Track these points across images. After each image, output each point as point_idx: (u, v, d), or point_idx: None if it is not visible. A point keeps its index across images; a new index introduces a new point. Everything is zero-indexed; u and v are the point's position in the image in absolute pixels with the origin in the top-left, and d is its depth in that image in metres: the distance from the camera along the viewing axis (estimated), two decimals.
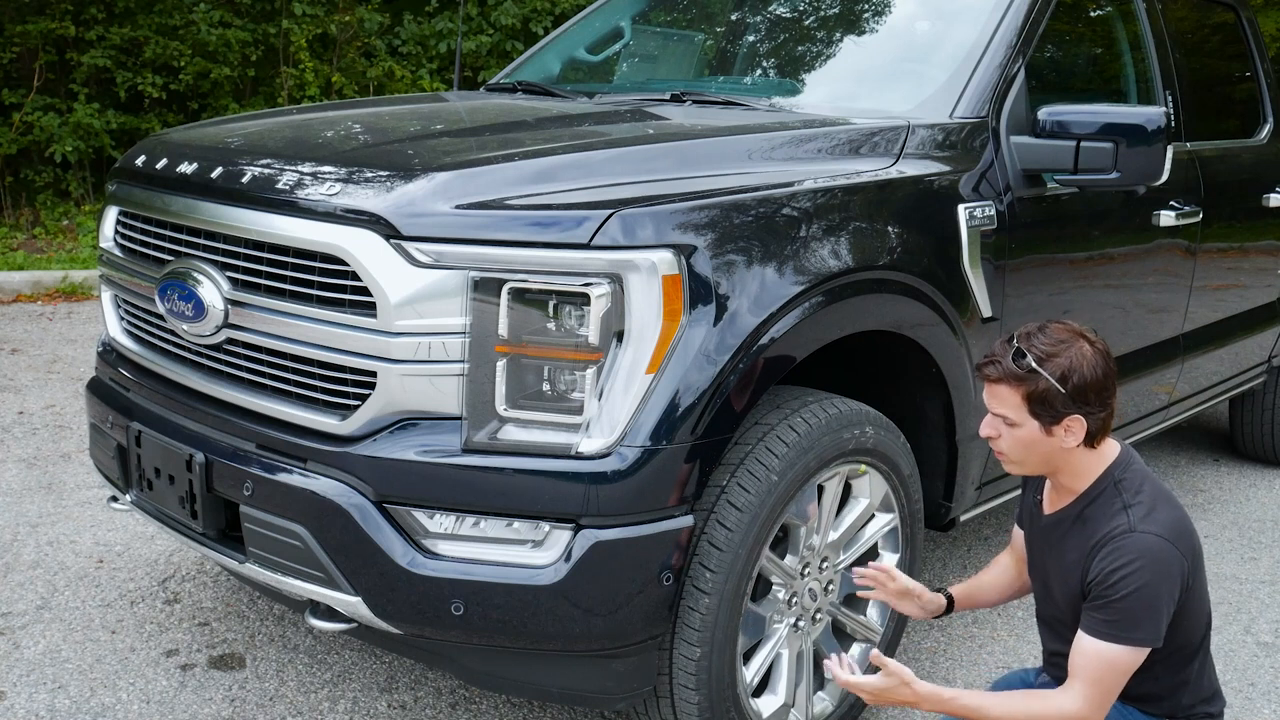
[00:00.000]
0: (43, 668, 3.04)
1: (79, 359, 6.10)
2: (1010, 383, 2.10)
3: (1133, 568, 2.02)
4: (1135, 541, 2.04)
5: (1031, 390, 2.08)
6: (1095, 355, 2.09)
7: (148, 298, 2.64)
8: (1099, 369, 2.08)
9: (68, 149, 8.90)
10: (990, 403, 2.16)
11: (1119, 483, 2.15)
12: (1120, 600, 2.02)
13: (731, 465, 2.36)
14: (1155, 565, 2.02)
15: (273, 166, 2.44)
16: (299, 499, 2.27)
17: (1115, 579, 2.03)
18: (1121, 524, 2.08)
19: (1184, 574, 2.06)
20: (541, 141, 2.73)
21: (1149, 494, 2.13)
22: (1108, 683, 2.05)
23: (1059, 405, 2.07)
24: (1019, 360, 2.09)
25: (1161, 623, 2.04)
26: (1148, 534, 2.05)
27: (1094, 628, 2.06)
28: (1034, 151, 2.98)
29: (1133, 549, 2.04)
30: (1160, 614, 2.03)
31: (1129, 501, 2.11)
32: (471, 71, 10.61)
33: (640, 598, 2.24)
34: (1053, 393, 2.06)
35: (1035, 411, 2.09)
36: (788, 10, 3.91)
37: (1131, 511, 2.09)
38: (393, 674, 3.08)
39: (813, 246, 2.44)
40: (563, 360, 2.17)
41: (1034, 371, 2.07)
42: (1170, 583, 2.04)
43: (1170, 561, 2.04)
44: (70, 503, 4.15)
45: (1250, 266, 4.42)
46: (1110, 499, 2.14)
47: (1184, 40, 4.08)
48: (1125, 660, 2.04)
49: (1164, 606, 2.04)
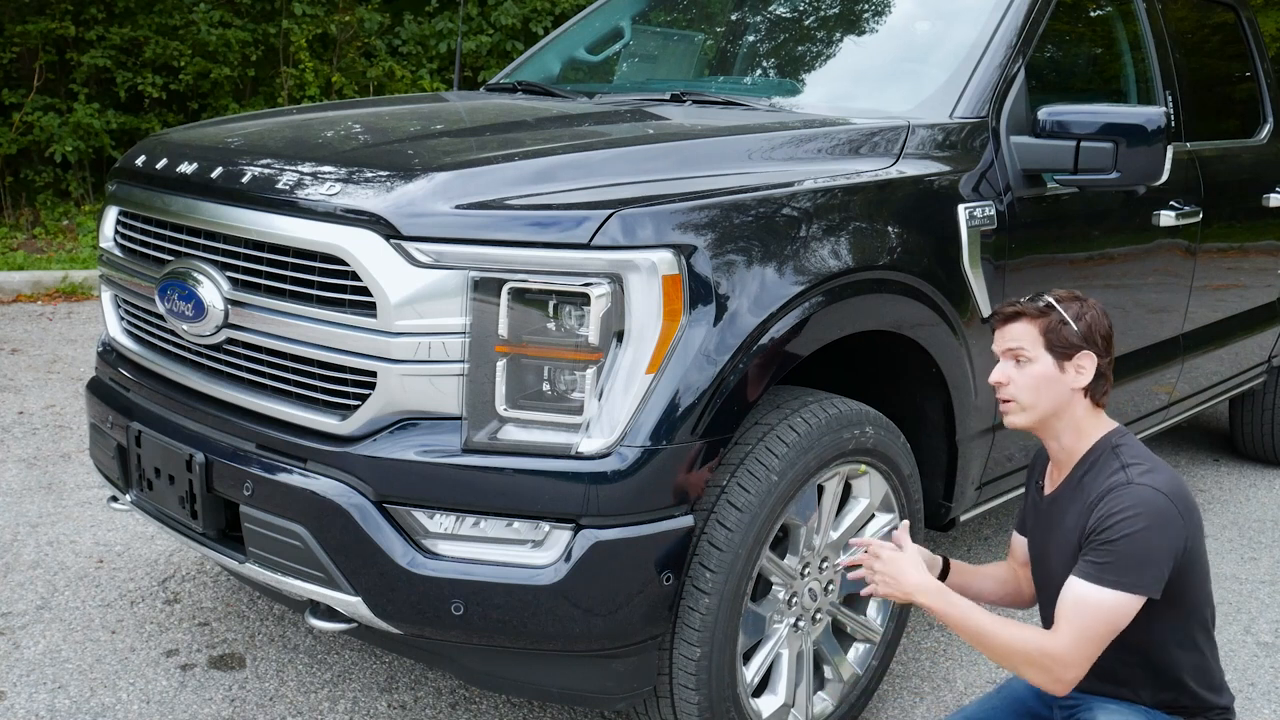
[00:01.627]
0: (43, 668, 3.04)
1: (79, 359, 6.10)
2: (1029, 318, 2.25)
3: (1129, 513, 2.05)
4: (1133, 491, 2.08)
5: (1048, 323, 2.22)
6: (1100, 310, 2.27)
7: (148, 298, 2.64)
8: (1105, 321, 2.27)
9: (68, 149, 8.90)
10: (1004, 341, 2.28)
11: (1117, 448, 2.21)
12: (1114, 543, 2.04)
13: (731, 465, 2.36)
14: (1152, 514, 2.05)
15: (273, 166, 2.44)
16: (299, 499, 2.27)
17: (1110, 523, 2.06)
18: (1120, 479, 2.12)
19: (1183, 533, 2.07)
20: (541, 141, 2.73)
21: (1147, 459, 2.19)
22: (1094, 630, 2.04)
23: (1072, 339, 2.21)
24: (1036, 299, 2.26)
25: (1156, 572, 2.04)
26: (1146, 486, 2.09)
27: (1085, 571, 2.07)
28: (1034, 151, 2.98)
29: (1130, 497, 2.07)
30: (1154, 563, 2.03)
31: (1127, 462, 2.17)
32: (471, 71, 10.61)
33: (640, 598, 2.23)
34: (1068, 328, 2.22)
35: (1050, 343, 2.22)
36: (788, 10, 3.91)
37: (1129, 469, 2.14)
38: (393, 674, 3.08)
39: (813, 246, 2.44)
40: (563, 360, 2.17)
41: (1050, 306, 2.23)
42: (1167, 535, 2.05)
43: (1168, 515, 2.06)
44: (70, 503, 4.15)
45: (1250, 266, 4.42)
46: (1108, 461, 2.19)
47: (1184, 40, 4.08)
48: (1115, 606, 2.03)
49: (1160, 558, 2.04)
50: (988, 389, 2.95)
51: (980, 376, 2.91)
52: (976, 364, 2.88)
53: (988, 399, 2.98)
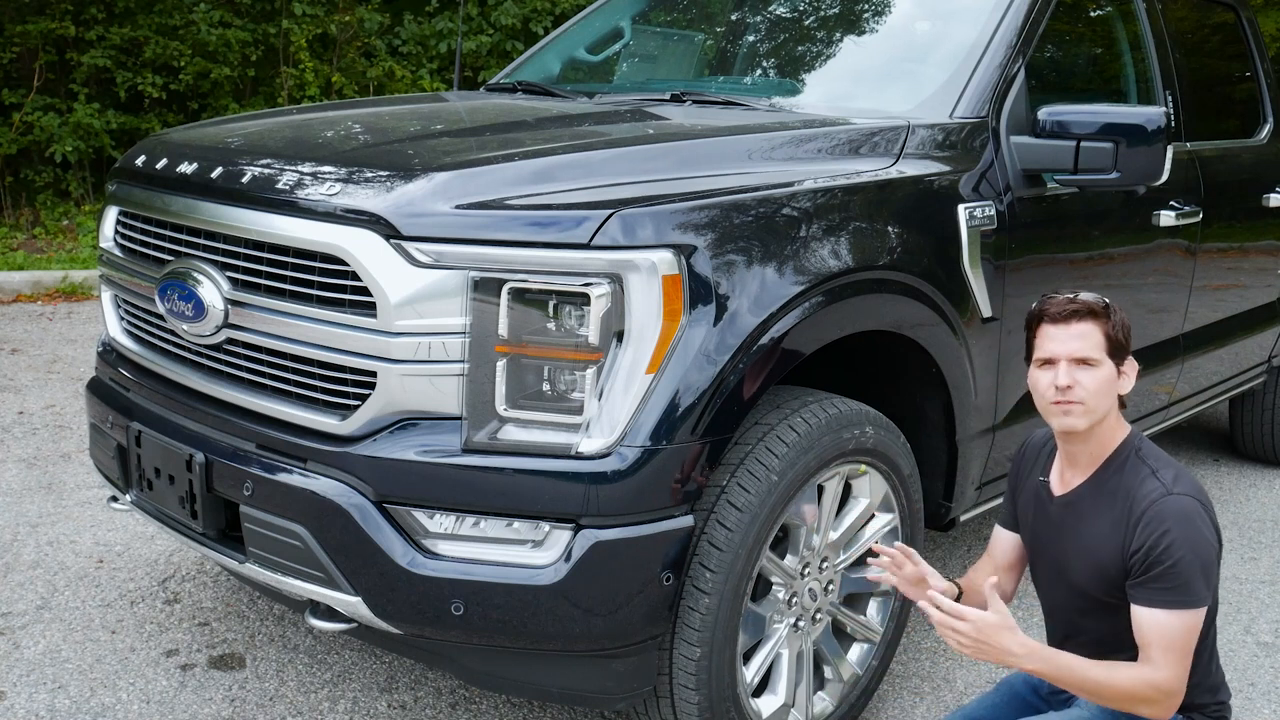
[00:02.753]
0: (43, 668, 3.04)
1: (79, 359, 6.10)
2: (1094, 319, 2.14)
3: (1177, 533, 2.05)
4: (1175, 504, 2.08)
5: (1109, 327, 2.14)
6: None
7: (148, 298, 2.64)
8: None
9: (68, 149, 8.90)
10: (1066, 342, 2.14)
11: (1139, 451, 2.19)
12: (1173, 567, 2.05)
13: (731, 465, 2.36)
14: (1196, 526, 2.06)
15: (273, 166, 2.44)
16: (299, 499, 2.27)
17: (1163, 545, 2.05)
18: (1157, 489, 2.11)
19: (1218, 534, 2.11)
20: (541, 141, 2.73)
21: (1168, 463, 2.18)
22: (1185, 649, 2.07)
23: (1126, 344, 2.17)
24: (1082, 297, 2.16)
25: (1211, 582, 2.08)
26: (1185, 496, 2.09)
27: (1154, 599, 2.07)
28: (1034, 151, 2.98)
29: (1174, 513, 2.07)
30: (1210, 571, 2.08)
31: (1155, 468, 2.15)
32: (471, 71, 10.61)
33: (640, 598, 2.23)
34: (1123, 331, 2.16)
35: (1112, 350, 2.15)
36: (788, 10, 3.91)
37: (1162, 475, 2.13)
38: (393, 674, 3.08)
39: (813, 246, 2.44)
40: (563, 360, 2.17)
41: (1108, 307, 2.16)
42: (1212, 538, 2.09)
43: (1205, 521, 2.09)
44: (70, 503, 4.15)
45: (1250, 266, 4.42)
46: (1136, 467, 2.17)
47: (1184, 40, 4.08)
48: (1191, 623, 2.06)
49: (1211, 563, 2.08)
50: (988, 389, 2.96)
51: (980, 376, 2.92)
52: (976, 364, 2.88)
53: (988, 399, 2.99)
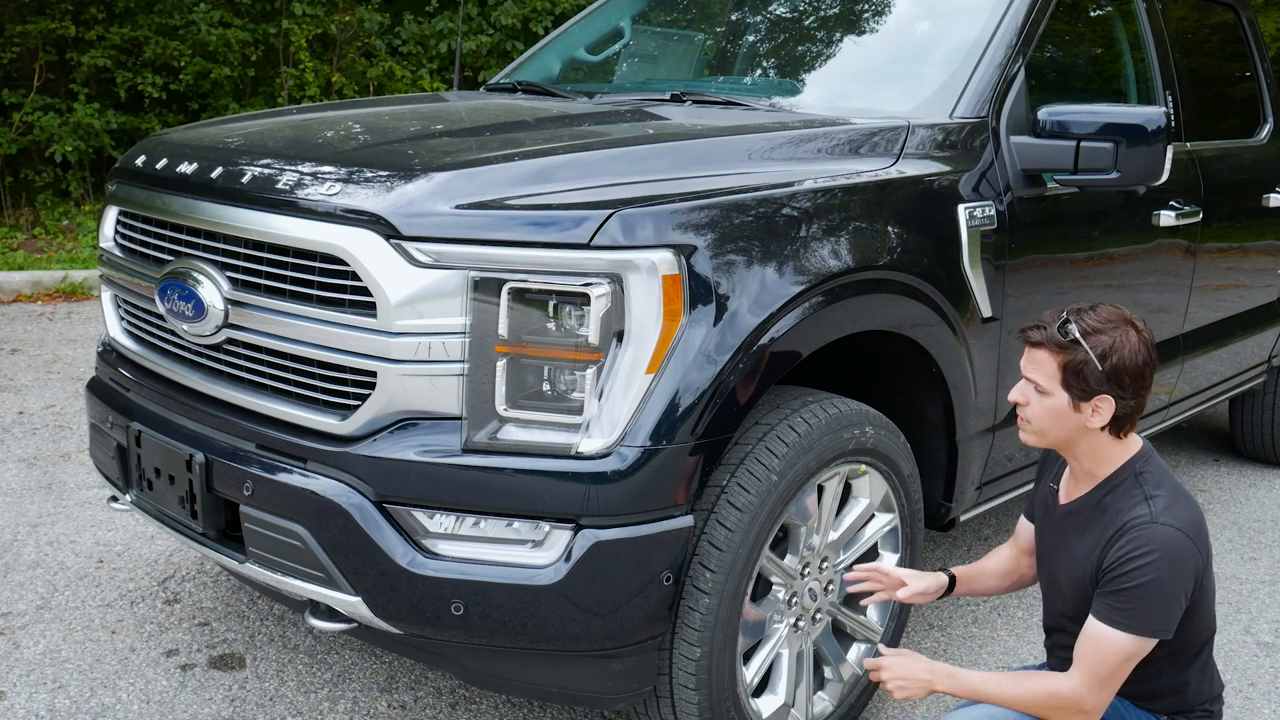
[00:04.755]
0: (43, 668, 3.04)
1: (79, 359, 6.10)
2: (1051, 349, 2.12)
3: (1150, 558, 2.03)
4: (1156, 533, 2.05)
5: (1069, 360, 2.10)
6: (1139, 342, 2.11)
7: (148, 298, 2.64)
8: (1139, 356, 2.10)
9: (68, 149, 8.90)
10: (1026, 367, 2.18)
11: (1140, 475, 2.16)
12: (1133, 589, 2.03)
13: (731, 465, 2.36)
14: (1172, 558, 2.03)
15: (273, 166, 2.44)
16: (299, 499, 2.27)
17: (1131, 567, 2.04)
18: (1143, 514, 2.08)
19: (1198, 571, 2.07)
20: (541, 141, 2.73)
21: (1169, 489, 2.14)
22: (1111, 670, 2.05)
23: (1092, 382, 2.09)
24: (1064, 328, 2.11)
25: (1171, 616, 2.04)
26: (1169, 527, 2.05)
27: (1104, 613, 2.06)
28: (1034, 151, 2.97)
29: (1152, 540, 2.04)
30: (1170, 607, 2.04)
31: (1150, 493, 2.12)
32: (471, 71, 10.61)
33: (640, 598, 2.23)
34: (1090, 368, 2.08)
35: (1068, 382, 2.11)
36: (788, 10, 3.90)
37: (1153, 503, 2.09)
38: (393, 674, 3.08)
39: (813, 246, 2.44)
40: (563, 360, 2.17)
41: (1076, 342, 2.09)
42: (1184, 578, 2.05)
43: (1186, 556, 2.05)
44: (70, 503, 4.15)
45: (1250, 266, 4.42)
46: (1131, 489, 2.15)
47: (1184, 40, 4.08)
48: (1130, 649, 2.04)
49: (1176, 600, 2.04)
50: (988, 389, 2.96)
51: (980, 376, 2.92)
52: (976, 364, 2.88)
53: (988, 399, 2.99)
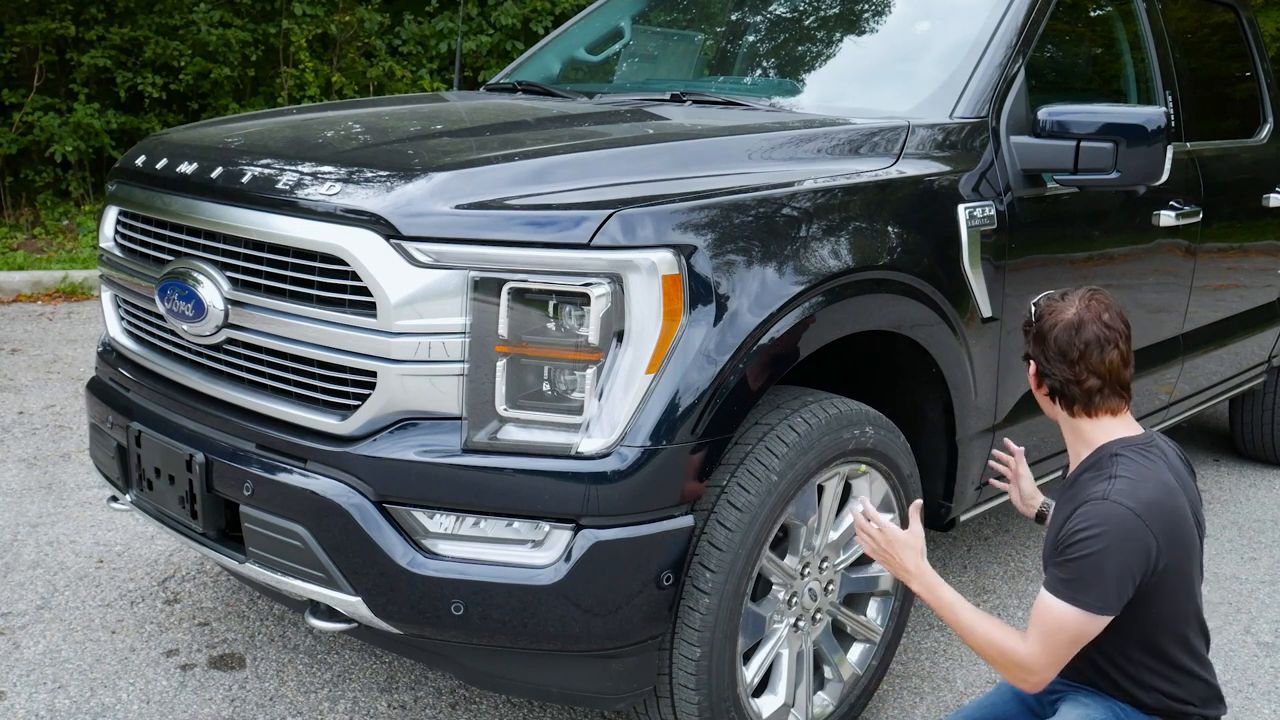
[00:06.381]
0: (43, 668, 3.04)
1: (79, 359, 6.10)
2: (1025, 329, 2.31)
3: (1093, 531, 2.05)
4: (1106, 509, 2.06)
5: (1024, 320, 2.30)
6: (1077, 316, 2.19)
7: (148, 298, 2.64)
8: (1070, 331, 2.18)
9: (68, 149, 8.89)
10: None
11: (1116, 457, 2.16)
12: (1074, 561, 2.05)
13: (731, 465, 2.36)
14: (1116, 533, 2.04)
15: (273, 166, 2.44)
16: (299, 499, 2.27)
17: (1075, 539, 2.06)
18: (1099, 491, 2.10)
19: (1151, 553, 2.05)
20: (541, 141, 2.73)
21: (1137, 474, 2.12)
22: (1056, 641, 2.07)
23: (1027, 342, 2.28)
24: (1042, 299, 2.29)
25: (1113, 593, 2.04)
26: (1120, 505, 2.06)
27: (1049, 583, 2.11)
28: (1034, 151, 2.98)
29: (1100, 514, 2.06)
30: (1112, 585, 2.04)
31: (1116, 474, 2.12)
32: (471, 71, 10.61)
33: (640, 598, 2.24)
34: (1027, 326, 2.28)
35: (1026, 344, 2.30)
36: (788, 10, 3.90)
37: (1115, 482, 2.10)
38: (393, 674, 3.08)
39: (813, 246, 2.44)
40: (563, 360, 2.17)
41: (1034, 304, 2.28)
42: (1131, 557, 2.04)
43: (1134, 534, 2.04)
44: (70, 503, 4.15)
45: (1250, 266, 4.42)
46: (1101, 469, 2.16)
47: (1184, 40, 4.08)
48: (1073, 621, 2.05)
49: (1119, 579, 2.04)
50: (988, 389, 2.97)
51: (980, 376, 2.91)
52: (976, 364, 2.88)
53: (988, 399, 2.99)
